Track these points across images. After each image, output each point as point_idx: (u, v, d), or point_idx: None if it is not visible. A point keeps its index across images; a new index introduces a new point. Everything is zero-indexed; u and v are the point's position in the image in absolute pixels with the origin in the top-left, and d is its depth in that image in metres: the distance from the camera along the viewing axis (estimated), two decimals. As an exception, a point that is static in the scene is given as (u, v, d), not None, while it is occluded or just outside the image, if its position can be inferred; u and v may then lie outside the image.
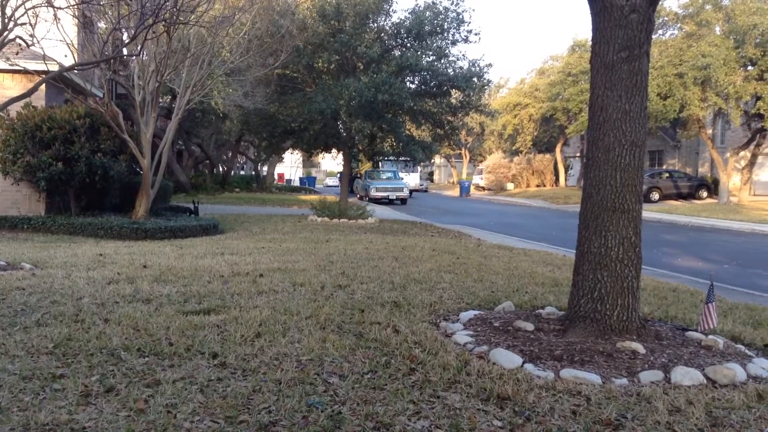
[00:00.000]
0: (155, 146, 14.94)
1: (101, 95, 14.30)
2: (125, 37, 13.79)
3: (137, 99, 14.00)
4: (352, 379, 3.99)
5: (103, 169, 13.17)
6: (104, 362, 4.15)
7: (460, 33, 18.28)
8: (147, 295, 6.21)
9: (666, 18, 29.50)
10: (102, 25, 15.69)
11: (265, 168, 45.13)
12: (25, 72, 12.80)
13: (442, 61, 18.44)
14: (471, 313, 5.84)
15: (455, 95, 19.30)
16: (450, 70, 18.35)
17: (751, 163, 31.06)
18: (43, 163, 12.68)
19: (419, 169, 53.66)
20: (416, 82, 19.00)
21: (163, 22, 10.24)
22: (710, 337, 5.04)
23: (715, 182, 34.13)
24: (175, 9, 9.91)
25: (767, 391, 3.98)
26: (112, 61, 13.49)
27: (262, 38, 16.27)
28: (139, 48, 12.12)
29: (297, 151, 41.52)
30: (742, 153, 31.68)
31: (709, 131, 34.60)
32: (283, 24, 16.44)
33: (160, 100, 17.11)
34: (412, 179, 46.12)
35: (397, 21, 18.45)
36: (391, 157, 24.02)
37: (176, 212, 16.77)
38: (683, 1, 28.94)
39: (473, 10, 31.61)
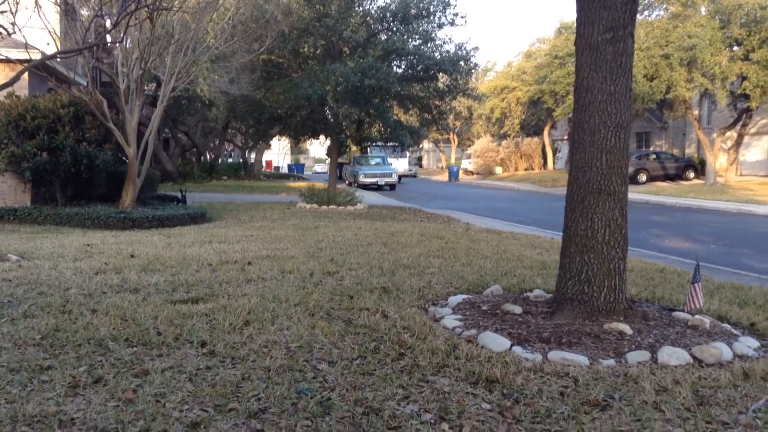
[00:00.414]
0: (141, 134, 14.83)
1: (85, 83, 14.15)
2: (108, 24, 13.62)
3: (122, 87, 13.86)
4: (341, 365, 4.00)
5: (89, 159, 13.05)
6: (92, 353, 4.13)
7: (446, 16, 18.20)
8: (135, 285, 6.19)
9: (652, -1, 29.49)
10: (84, 12, 15.48)
11: (253, 155, 44.96)
12: (7, 61, 12.60)
13: (429, 44, 18.36)
14: (459, 298, 5.86)
15: (442, 79, 19.24)
16: (437, 54, 18.28)
17: (738, 144, 31.20)
18: (27, 153, 12.55)
19: (408, 154, 53.63)
20: (403, 67, 18.91)
21: (146, 8, 10.11)
22: (697, 316, 5.08)
23: (702, 163, 34.30)
24: (157, -5, 9.79)
25: (753, 369, 4.02)
26: (95, 48, 13.35)
27: (246, 23, 16.13)
28: (122, 35, 11.98)
29: (284, 138, 41.35)
30: (728, 133, 31.81)
31: (696, 112, 34.71)
32: (268, 9, 16.30)
33: (145, 88, 16.96)
34: (400, 165, 46.09)
35: (383, 5, 18.32)
36: (380, 143, 23.95)
37: (163, 201, 16.67)
38: (669, -18, 28.92)
39: (459, -7, 31.46)
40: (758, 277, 8.66)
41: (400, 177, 38.61)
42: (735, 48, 27.78)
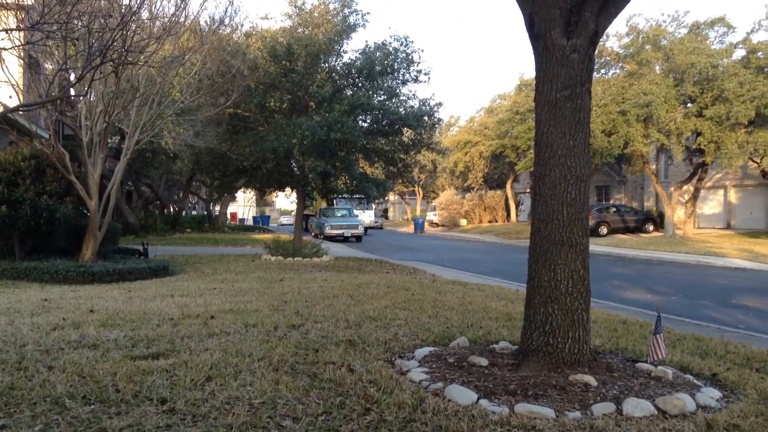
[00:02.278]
0: (103, 187, 14.66)
1: (47, 136, 14.01)
2: (72, 77, 13.59)
3: (85, 140, 13.74)
4: (306, 421, 3.92)
5: (49, 212, 12.84)
6: (48, 411, 3.99)
7: (410, 73, 18.57)
8: (93, 341, 6.02)
9: (608, 58, 30.56)
10: (48, 65, 15.44)
11: (218, 208, 44.69)
12: (-33, 113, 12.48)
13: (393, 100, 18.68)
14: (426, 350, 5.82)
15: (407, 133, 19.52)
16: (401, 109, 18.59)
17: (694, 197, 32.08)
18: (-15, 206, 12.30)
19: (374, 206, 53.95)
20: (368, 121, 19.15)
21: (111, 62, 10.14)
22: (660, 367, 5.13)
23: (661, 216, 35.12)
24: (123, 49, 9.83)
25: (716, 420, 4.05)
26: (58, 101, 13.27)
27: (212, 78, 16.21)
28: (86, 88, 11.95)
29: (250, 190, 41.26)
30: (685, 187, 32.73)
31: (653, 166, 35.70)
32: (234, 64, 16.44)
33: (109, 141, 16.84)
34: (366, 216, 46.33)
35: (348, 61, 18.65)
36: (346, 195, 24.07)
37: (125, 254, 16.39)
38: (624, 42, 30.04)
39: (422, 50, 32.37)
40: (718, 328, 8.81)
41: (366, 229, 38.72)
42: (689, 105, 28.78)
